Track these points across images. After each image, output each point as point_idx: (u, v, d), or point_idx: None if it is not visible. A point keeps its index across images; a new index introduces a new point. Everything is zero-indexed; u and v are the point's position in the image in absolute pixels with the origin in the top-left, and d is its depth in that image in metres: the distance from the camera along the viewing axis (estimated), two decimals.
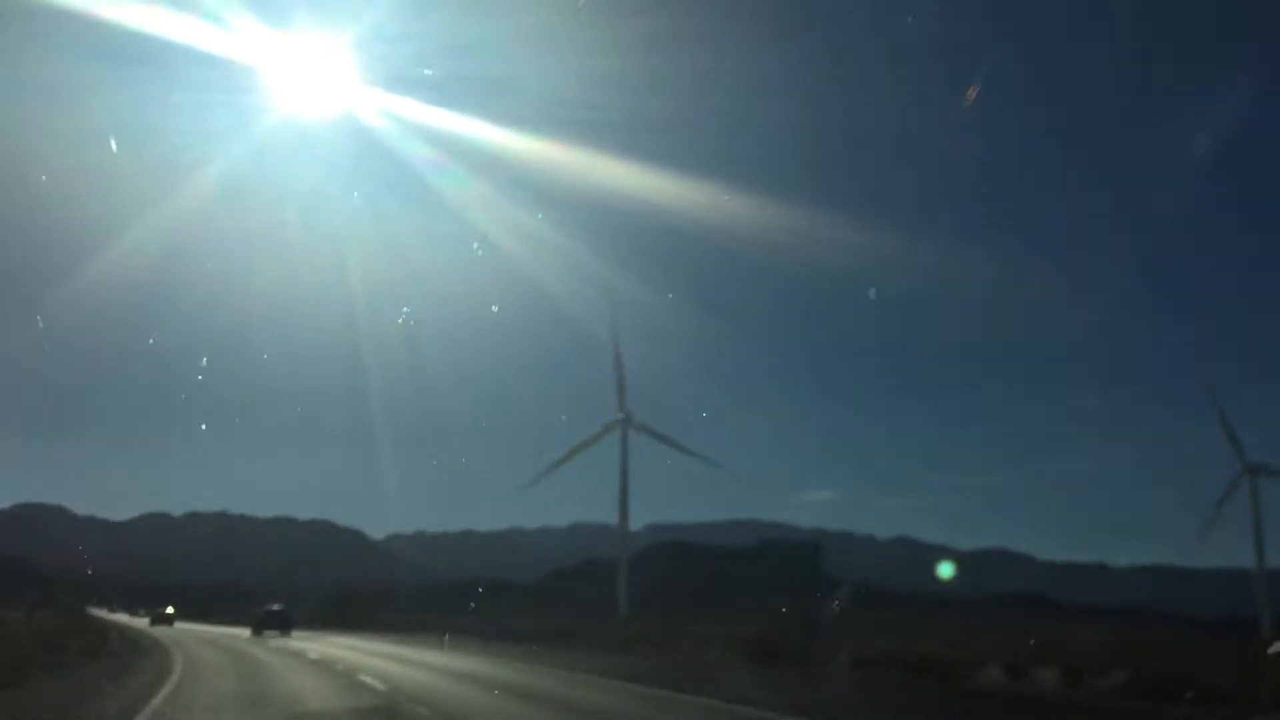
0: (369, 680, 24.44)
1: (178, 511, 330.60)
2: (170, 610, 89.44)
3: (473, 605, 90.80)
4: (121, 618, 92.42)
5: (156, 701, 19.60)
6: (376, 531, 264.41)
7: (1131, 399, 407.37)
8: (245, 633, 61.01)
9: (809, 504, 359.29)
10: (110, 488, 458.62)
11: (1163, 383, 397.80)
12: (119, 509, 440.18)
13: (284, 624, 61.99)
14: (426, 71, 58.39)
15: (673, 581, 71.13)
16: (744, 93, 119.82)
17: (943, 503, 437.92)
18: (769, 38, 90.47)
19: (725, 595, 79.32)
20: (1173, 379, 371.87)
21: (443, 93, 79.30)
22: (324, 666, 30.31)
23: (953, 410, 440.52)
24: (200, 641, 48.73)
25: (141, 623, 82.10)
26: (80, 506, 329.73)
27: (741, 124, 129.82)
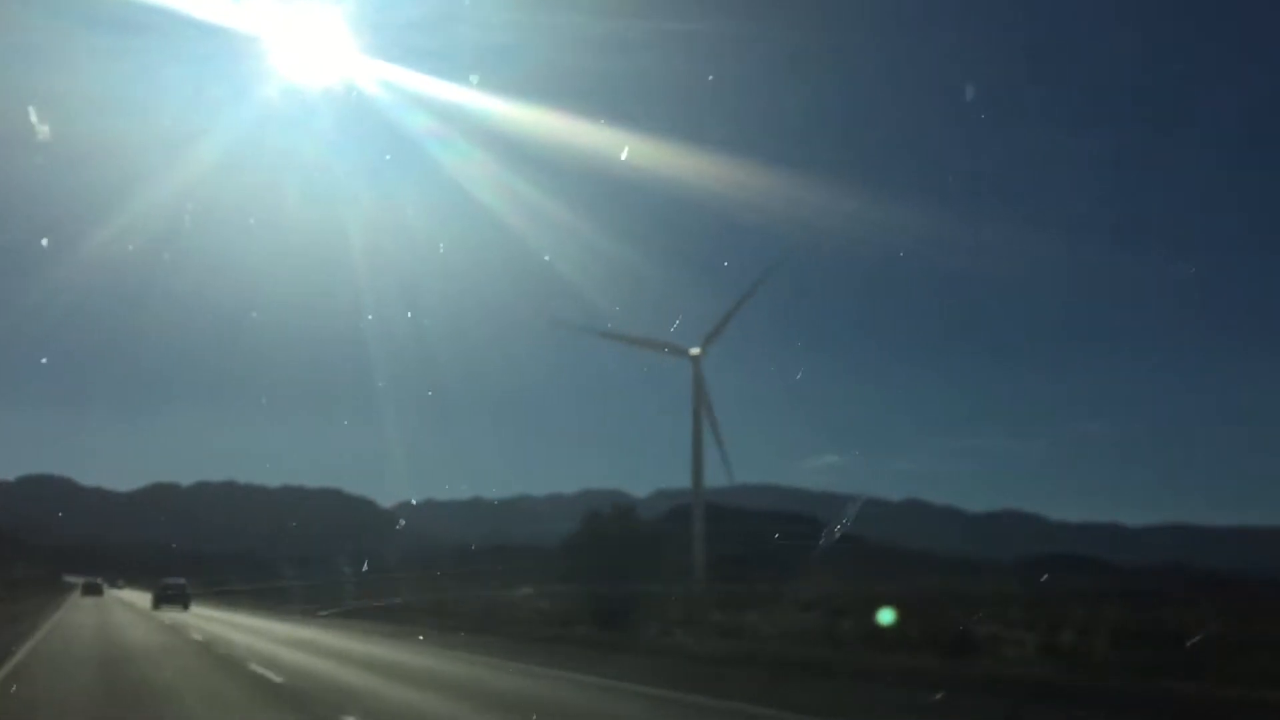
0: None
1: (186, 481, 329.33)
2: (100, 580, 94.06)
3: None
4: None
5: None
6: (385, 500, 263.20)
7: (1139, 361, 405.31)
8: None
9: (818, 468, 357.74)
10: (116, 458, 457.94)
11: (1168, 344, 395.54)
12: (125, 479, 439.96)
13: (183, 599, 61.96)
14: (423, 40, 55.49)
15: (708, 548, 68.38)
16: (751, 60, 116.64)
17: (953, 465, 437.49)
18: (781, 4, 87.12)
19: (759, 562, 76.45)
20: (1180, 339, 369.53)
21: (442, 62, 76.46)
22: None
23: (961, 373, 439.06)
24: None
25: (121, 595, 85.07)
26: (86, 477, 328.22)
27: (747, 91, 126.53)
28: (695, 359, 61.77)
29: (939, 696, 16.89)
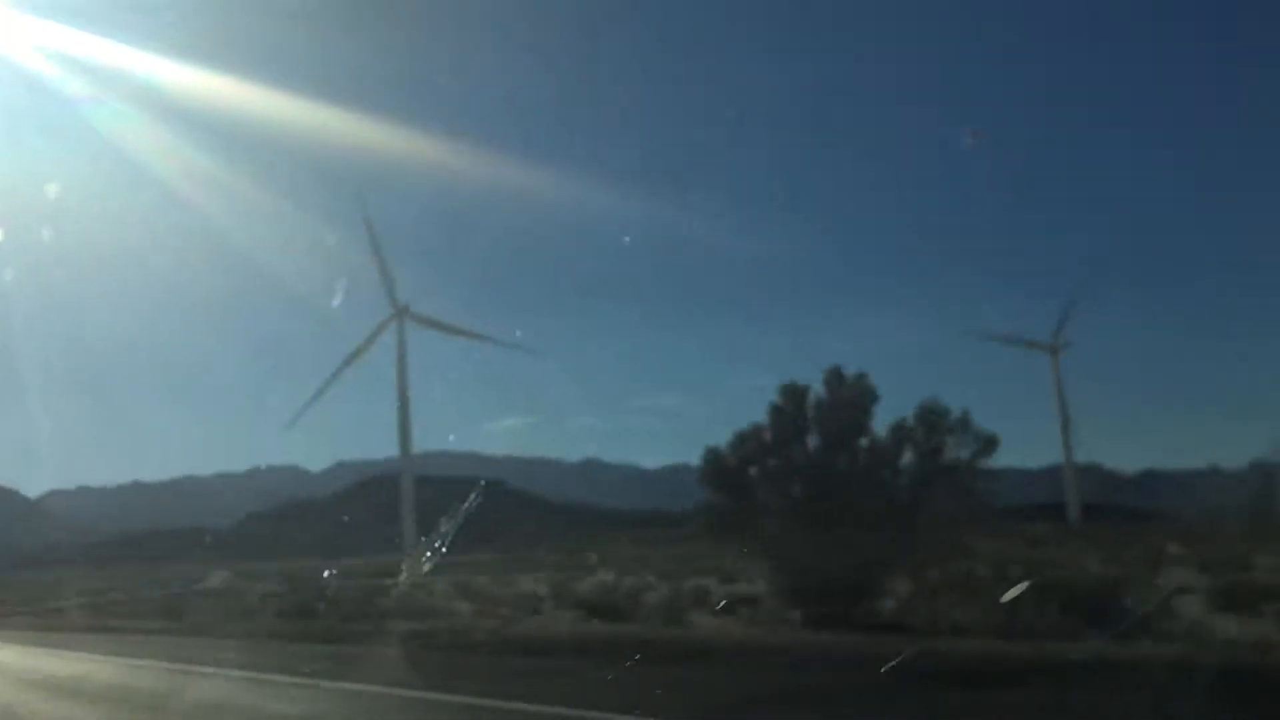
0: None
1: None
2: None
3: None
4: None
5: None
6: (31, 489, 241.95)
7: (791, 316, 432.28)
8: None
9: (496, 432, 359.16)
10: None
11: (821, 298, 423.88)
12: None
13: None
14: None
15: (386, 516, 67.16)
16: (426, 27, 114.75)
17: (629, 424, 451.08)
18: None
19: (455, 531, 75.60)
20: (830, 293, 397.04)
21: (95, 21, 70.38)
22: None
23: (632, 333, 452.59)
24: None
25: None
26: None
27: (420, 58, 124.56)
28: (401, 313, 59.88)
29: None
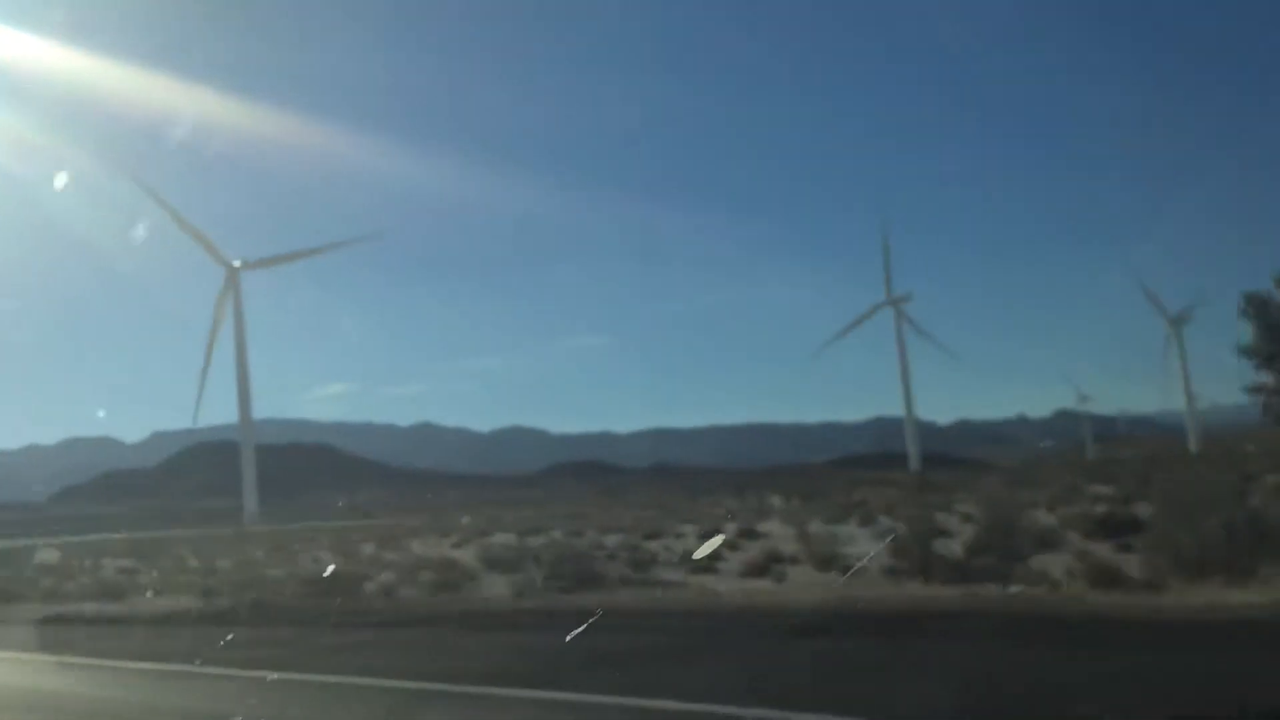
0: None
1: None
2: None
3: None
4: None
5: None
6: None
7: (620, 279, 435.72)
8: None
9: (323, 399, 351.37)
10: None
11: (651, 263, 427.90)
12: None
13: None
14: None
15: (217, 486, 64.64)
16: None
17: (459, 387, 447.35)
18: None
19: (285, 495, 73.43)
20: (657, 260, 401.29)
21: None
22: None
23: (458, 298, 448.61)
24: None
25: None
26: None
27: (220, 21, 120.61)
28: (234, 274, 57.32)
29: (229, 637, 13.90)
